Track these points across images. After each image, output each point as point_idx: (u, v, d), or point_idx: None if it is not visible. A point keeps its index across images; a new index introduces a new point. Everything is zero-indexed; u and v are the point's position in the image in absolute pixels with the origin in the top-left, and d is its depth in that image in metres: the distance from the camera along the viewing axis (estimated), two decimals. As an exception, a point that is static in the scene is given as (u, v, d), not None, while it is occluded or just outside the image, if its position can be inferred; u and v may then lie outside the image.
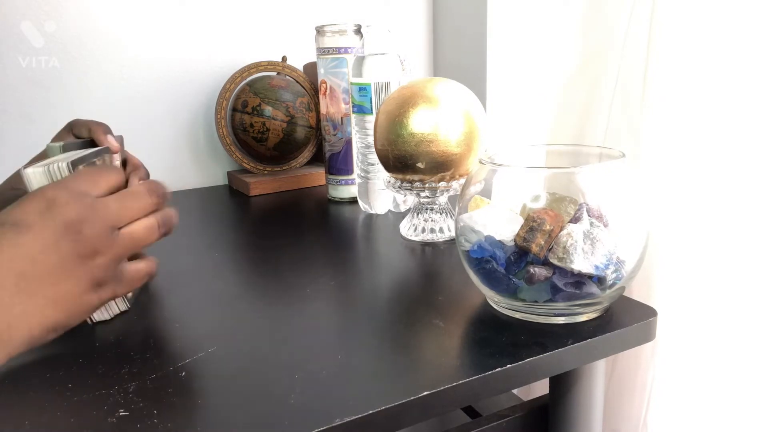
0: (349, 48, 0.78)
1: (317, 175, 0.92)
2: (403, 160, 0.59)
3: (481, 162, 0.46)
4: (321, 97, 0.82)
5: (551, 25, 0.84)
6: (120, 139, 0.55)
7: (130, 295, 0.50)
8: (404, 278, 0.56)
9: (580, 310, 0.43)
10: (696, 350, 0.65)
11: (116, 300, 0.47)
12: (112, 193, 0.41)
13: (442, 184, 0.60)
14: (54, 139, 0.56)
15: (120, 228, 0.40)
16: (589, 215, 0.42)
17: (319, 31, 0.79)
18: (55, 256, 0.36)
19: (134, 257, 0.44)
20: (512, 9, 0.92)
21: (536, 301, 0.43)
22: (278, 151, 0.90)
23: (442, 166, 0.58)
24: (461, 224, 0.46)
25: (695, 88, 0.62)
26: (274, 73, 0.91)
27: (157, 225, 0.42)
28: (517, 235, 0.42)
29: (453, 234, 0.63)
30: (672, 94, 0.63)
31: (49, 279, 0.36)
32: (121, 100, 0.89)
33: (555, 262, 0.41)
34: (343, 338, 0.45)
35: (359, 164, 0.74)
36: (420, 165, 0.58)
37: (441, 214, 0.64)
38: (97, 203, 0.39)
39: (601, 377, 0.49)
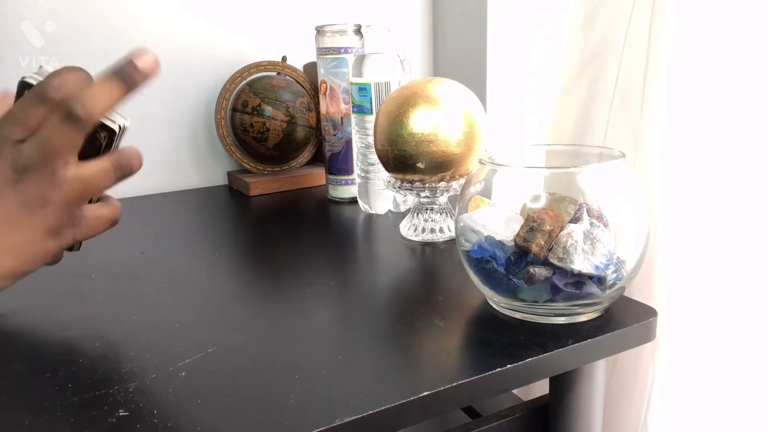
0: (349, 48, 0.78)
1: (317, 175, 0.92)
2: (403, 160, 0.59)
3: (481, 162, 0.46)
4: (321, 97, 0.82)
5: (551, 25, 0.84)
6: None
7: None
8: (404, 278, 0.56)
9: (580, 310, 0.43)
10: (696, 350, 0.65)
11: None
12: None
13: (442, 184, 0.60)
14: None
15: (67, 170, 0.37)
16: (589, 215, 0.42)
17: (319, 31, 0.79)
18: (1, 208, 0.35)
19: (100, 199, 0.42)
20: (512, 9, 0.92)
21: (536, 301, 0.43)
22: (278, 151, 0.90)
23: (442, 166, 0.58)
24: (461, 224, 0.46)
25: (695, 88, 0.62)
26: (274, 73, 0.91)
27: (111, 167, 0.38)
28: (517, 235, 0.42)
29: (453, 234, 0.63)
30: (672, 94, 0.63)
31: None
32: (121, 100, 0.89)
33: (555, 262, 0.41)
34: (343, 338, 0.45)
35: (359, 164, 0.74)
36: (420, 165, 0.58)
37: (441, 214, 0.64)
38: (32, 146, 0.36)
39: (601, 377, 0.48)
